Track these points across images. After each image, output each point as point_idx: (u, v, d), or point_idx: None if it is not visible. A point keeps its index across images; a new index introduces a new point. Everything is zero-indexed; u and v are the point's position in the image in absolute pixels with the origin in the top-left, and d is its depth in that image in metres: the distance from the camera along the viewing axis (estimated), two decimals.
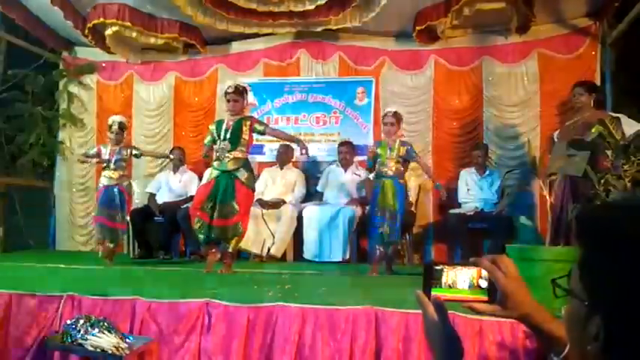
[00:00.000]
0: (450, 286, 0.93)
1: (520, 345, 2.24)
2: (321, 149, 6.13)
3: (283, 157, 5.66)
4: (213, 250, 4.14)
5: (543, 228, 4.33)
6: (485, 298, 0.91)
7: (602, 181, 3.48)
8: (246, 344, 2.46)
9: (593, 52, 5.49)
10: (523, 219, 5.13)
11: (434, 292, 0.93)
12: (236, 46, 6.39)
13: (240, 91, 4.18)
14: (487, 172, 5.33)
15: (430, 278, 0.93)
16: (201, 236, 4.08)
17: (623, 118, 3.83)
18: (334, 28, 5.73)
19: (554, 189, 3.62)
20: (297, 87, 6.23)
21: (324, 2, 5.11)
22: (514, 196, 5.35)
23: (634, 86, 5.54)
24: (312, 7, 5.21)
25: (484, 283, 0.91)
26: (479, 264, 0.92)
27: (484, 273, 0.91)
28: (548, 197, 3.36)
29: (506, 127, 5.73)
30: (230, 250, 4.10)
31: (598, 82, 5.20)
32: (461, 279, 0.92)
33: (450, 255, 5.58)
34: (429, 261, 1.02)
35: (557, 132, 4.84)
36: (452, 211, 5.25)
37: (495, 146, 5.65)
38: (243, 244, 5.08)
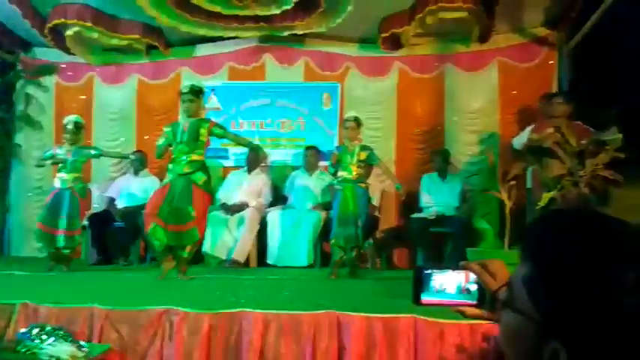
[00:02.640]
0: (439, 291, 0.93)
1: (478, 347, 2.28)
2: (286, 154, 6.12)
3: (252, 161, 5.62)
4: (169, 257, 4.05)
5: (503, 232, 4.42)
6: (474, 302, 0.91)
7: (559, 186, 3.59)
8: (208, 351, 2.43)
9: (552, 61, 5.67)
10: (483, 223, 5.24)
11: (423, 297, 0.93)
12: (200, 49, 6.33)
13: (195, 92, 4.11)
14: (448, 177, 5.42)
15: (420, 283, 0.93)
16: (156, 242, 3.96)
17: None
18: (300, 33, 5.74)
19: (514, 193, 3.71)
20: (262, 91, 6.21)
21: (290, 7, 5.11)
22: (475, 201, 5.46)
23: (591, 95, 5.73)
24: (278, 11, 5.21)
25: (473, 287, 0.92)
26: (468, 268, 0.92)
27: (473, 277, 0.91)
28: (507, 202, 3.45)
29: (467, 133, 5.85)
30: (186, 256, 4.02)
31: (556, 90, 5.37)
32: (450, 283, 0.92)
33: (411, 259, 5.65)
34: (419, 266, 1.04)
35: (516, 138, 4.98)
36: (414, 215, 5.32)
37: (456, 152, 5.76)
38: (205, 249, 5.04)
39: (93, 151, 4.89)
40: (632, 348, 0.61)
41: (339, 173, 4.40)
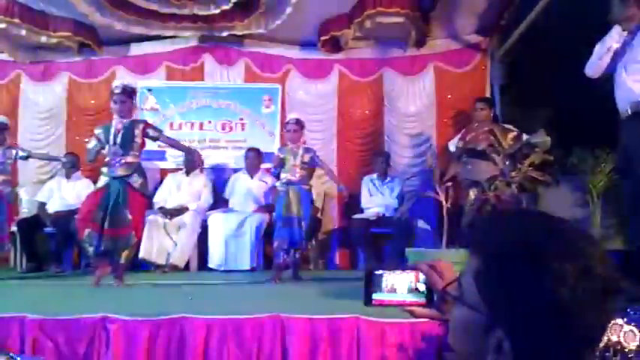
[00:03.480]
0: (389, 291, 0.94)
1: (418, 347, 2.34)
2: (227, 156, 6.04)
3: (189, 163, 5.48)
4: (104, 263, 3.90)
5: (441, 232, 4.56)
6: (424, 301, 0.94)
7: (492, 187, 3.75)
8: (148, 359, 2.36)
9: (484, 67, 5.92)
10: (422, 223, 5.40)
11: (375, 297, 0.95)
12: (136, 48, 6.14)
13: (128, 92, 3.99)
14: (388, 179, 5.53)
15: (371, 283, 0.95)
16: (90, 248, 3.81)
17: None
18: (239, 34, 5.68)
19: (451, 194, 3.83)
20: (201, 92, 6.09)
21: (228, 7, 5.05)
22: (413, 202, 5.60)
23: (521, 99, 6.02)
24: (217, 11, 5.14)
25: (422, 287, 0.94)
26: (417, 268, 0.94)
27: (422, 277, 0.94)
28: (444, 203, 3.56)
29: (404, 135, 6.00)
30: (122, 261, 3.88)
31: (488, 95, 5.61)
32: (400, 283, 0.95)
33: (353, 260, 5.73)
34: (370, 267, 1.06)
35: (452, 141, 5.15)
36: (355, 216, 5.39)
37: (395, 154, 5.88)
38: (144, 255, 4.89)
39: (20, 152, 4.64)
40: (571, 337, 0.65)
41: (283, 175, 4.40)
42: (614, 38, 3.01)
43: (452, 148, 5.02)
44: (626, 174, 3.15)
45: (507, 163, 3.78)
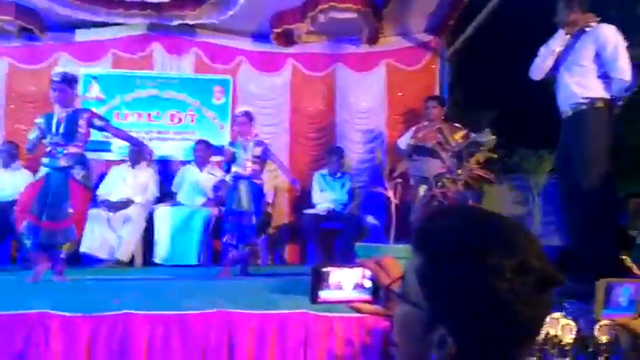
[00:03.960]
0: (336, 288, 0.94)
1: (365, 342, 2.37)
2: (175, 148, 5.90)
3: (136, 155, 5.32)
4: (43, 257, 3.75)
5: (389, 228, 4.64)
6: (369, 297, 0.94)
7: (439, 184, 3.84)
8: (88, 358, 2.28)
9: (434, 66, 6.04)
10: (371, 219, 5.46)
11: (321, 295, 0.94)
12: (81, 34, 5.88)
13: (67, 80, 3.83)
14: (339, 174, 5.56)
15: (317, 280, 0.94)
16: (28, 242, 3.64)
17: None
18: (191, 23, 5.56)
19: (399, 190, 3.89)
20: (149, 82, 5.92)
21: None
22: (363, 197, 5.66)
23: (468, 99, 6.19)
24: None
25: (368, 284, 0.94)
26: (363, 264, 0.94)
27: (368, 273, 0.94)
28: (392, 198, 3.61)
29: (356, 131, 6.04)
30: (62, 256, 3.73)
31: (437, 94, 5.72)
32: (346, 280, 0.94)
33: (303, 255, 5.74)
34: (316, 264, 1.04)
35: (401, 138, 5.23)
36: (306, 211, 5.40)
37: (347, 150, 5.92)
38: (86, 249, 4.73)
39: None
40: (511, 331, 0.67)
41: (233, 169, 4.34)
42: (558, 41, 3.13)
43: (401, 145, 5.10)
44: (562, 173, 3.29)
45: (454, 160, 3.88)
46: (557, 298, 2.58)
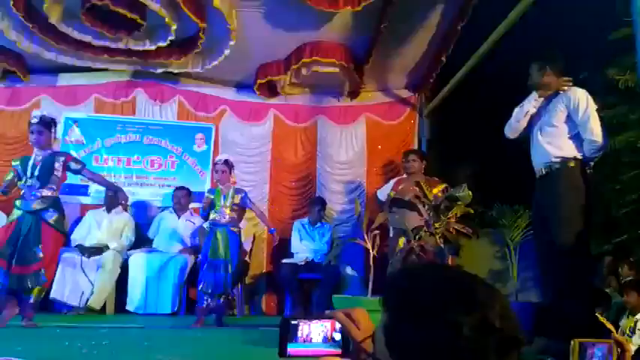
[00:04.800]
0: (305, 341, 0.92)
1: None
2: (154, 194, 5.87)
3: (112, 200, 5.26)
4: (11, 302, 3.63)
5: (367, 279, 4.62)
6: (339, 351, 0.91)
7: (417, 236, 3.87)
8: None
9: (412, 121, 6.21)
10: (349, 269, 5.44)
11: (290, 348, 0.92)
12: (65, 78, 5.92)
13: (46, 123, 3.84)
14: (319, 224, 5.56)
15: (286, 333, 0.92)
16: None
17: None
18: (175, 71, 5.64)
19: (377, 242, 3.90)
20: (131, 127, 5.94)
21: (165, 45, 5.01)
22: (342, 248, 5.65)
23: (445, 154, 6.32)
24: (153, 47, 5.08)
25: (338, 336, 0.92)
26: (333, 316, 0.93)
27: (338, 326, 0.92)
28: (371, 250, 3.62)
29: (336, 182, 6.10)
30: (31, 301, 3.64)
31: (416, 148, 5.84)
32: (316, 333, 0.92)
33: (280, 305, 5.64)
34: (285, 317, 1.02)
35: (380, 189, 5.29)
36: (284, 260, 5.35)
37: (327, 200, 5.94)
38: (57, 295, 4.60)
39: None
40: None
41: (211, 216, 4.32)
42: (532, 103, 3.25)
43: (381, 196, 5.15)
44: (537, 231, 3.33)
45: (431, 214, 3.93)
46: (535, 357, 2.57)
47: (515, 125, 3.35)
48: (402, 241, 3.93)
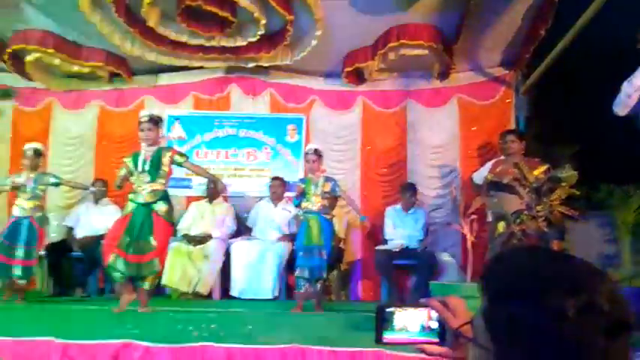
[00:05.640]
0: (401, 329, 0.92)
1: None
2: (251, 184, 6.10)
3: (213, 191, 5.56)
4: (129, 288, 3.94)
5: (466, 265, 4.52)
6: (436, 339, 0.91)
7: (518, 220, 3.70)
8: None
9: (508, 99, 5.89)
10: (445, 255, 5.32)
11: (385, 335, 0.92)
12: (165, 78, 6.30)
13: (154, 120, 4.09)
14: (412, 210, 5.49)
15: (382, 320, 0.93)
16: (116, 274, 3.86)
17: None
18: (265, 65, 5.80)
19: (475, 227, 3.80)
20: (227, 121, 6.21)
21: (255, 39, 5.17)
22: (438, 234, 5.55)
23: (545, 132, 5.98)
24: (244, 43, 5.26)
25: (434, 325, 0.91)
26: (429, 305, 0.92)
27: (434, 314, 0.91)
28: (468, 235, 3.52)
29: (429, 167, 5.98)
30: (146, 288, 3.93)
31: (514, 128, 5.57)
32: (412, 321, 0.92)
33: (376, 291, 5.66)
34: (381, 304, 1.03)
35: (476, 173, 5.11)
36: (378, 247, 5.35)
37: (419, 185, 5.85)
38: (168, 282, 4.92)
39: (52, 179, 4.74)
40: None
41: (304, 204, 4.42)
42: None
43: (477, 180, 4.98)
44: None
45: (533, 197, 3.74)
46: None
47: (625, 101, 3.09)
48: (501, 225, 3.77)
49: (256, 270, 5.12)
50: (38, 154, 4.67)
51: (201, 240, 5.25)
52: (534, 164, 4.08)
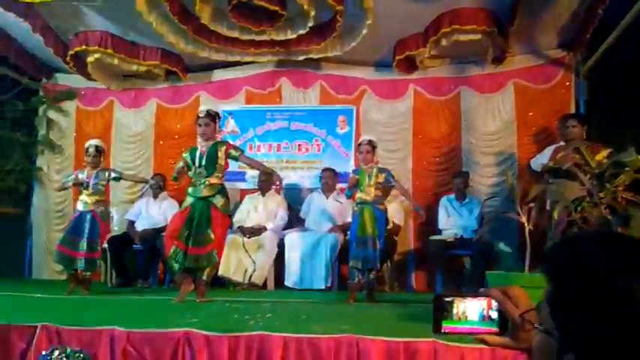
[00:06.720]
0: (460, 318, 0.92)
1: None
2: (303, 176, 6.16)
3: (265, 184, 5.66)
4: (188, 279, 4.07)
5: (523, 254, 4.39)
6: (496, 329, 0.90)
7: (579, 208, 3.55)
8: None
9: (568, 83, 5.65)
10: (502, 245, 5.18)
11: (445, 325, 0.92)
12: (218, 74, 6.44)
13: (212, 116, 4.18)
14: (467, 199, 5.39)
15: (440, 310, 0.92)
16: (175, 265, 3.99)
17: None
18: (315, 57, 5.81)
19: (533, 215, 3.67)
20: (279, 115, 6.28)
21: (305, 32, 5.19)
22: (494, 223, 5.41)
23: (607, 116, 5.69)
24: (294, 36, 5.29)
25: (495, 314, 0.91)
26: (489, 294, 0.92)
27: (494, 304, 0.91)
28: (526, 224, 3.41)
29: (484, 155, 5.83)
30: (204, 278, 4.04)
31: (574, 112, 5.34)
32: (471, 310, 0.91)
33: (430, 281, 5.60)
34: (439, 293, 1.03)
35: (534, 159, 4.95)
36: (432, 237, 5.28)
37: (474, 173, 5.73)
38: (224, 272, 5.05)
39: (113, 174, 4.95)
40: None
41: (357, 195, 4.41)
42: None
43: (534, 166, 4.82)
44: None
45: (594, 183, 3.57)
46: None
47: None
48: (556, 213, 3.63)
49: (309, 261, 5.17)
50: (99, 150, 4.87)
51: (255, 232, 5.36)
52: (596, 149, 3.90)
